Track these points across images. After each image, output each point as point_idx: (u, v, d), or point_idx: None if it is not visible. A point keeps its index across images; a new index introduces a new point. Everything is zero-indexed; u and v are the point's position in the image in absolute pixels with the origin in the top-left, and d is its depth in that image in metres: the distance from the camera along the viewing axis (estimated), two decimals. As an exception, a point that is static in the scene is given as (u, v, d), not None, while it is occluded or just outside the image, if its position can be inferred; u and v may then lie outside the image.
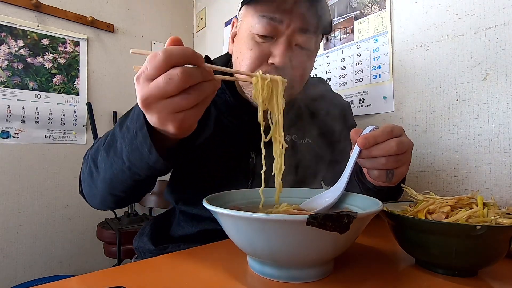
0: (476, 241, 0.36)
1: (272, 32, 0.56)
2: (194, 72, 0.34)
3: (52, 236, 1.56)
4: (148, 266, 0.42)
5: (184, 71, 0.33)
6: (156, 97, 0.35)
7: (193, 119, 0.38)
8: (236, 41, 0.64)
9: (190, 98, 0.35)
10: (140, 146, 0.42)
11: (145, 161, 0.43)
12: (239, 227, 0.35)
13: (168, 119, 0.37)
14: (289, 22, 0.56)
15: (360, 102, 1.05)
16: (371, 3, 1.02)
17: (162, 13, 2.01)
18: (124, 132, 0.45)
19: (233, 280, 0.37)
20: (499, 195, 0.72)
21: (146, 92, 0.35)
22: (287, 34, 0.56)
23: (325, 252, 0.35)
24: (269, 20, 0.55)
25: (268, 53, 0.57)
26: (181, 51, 0.34)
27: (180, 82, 0.33)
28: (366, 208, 0.42)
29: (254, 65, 0.58)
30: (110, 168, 0.48)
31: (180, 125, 0.37)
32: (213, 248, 0.50)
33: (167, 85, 0.33)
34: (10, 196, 1.46)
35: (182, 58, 0.34)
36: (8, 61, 1.46)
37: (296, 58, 0.59)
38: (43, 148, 1.55)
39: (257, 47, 0.57)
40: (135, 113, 0.43)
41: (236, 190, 0.50)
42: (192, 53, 0.35)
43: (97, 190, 0.53)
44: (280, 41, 0.56)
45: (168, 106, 0.35)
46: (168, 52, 0.34)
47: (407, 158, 0.45)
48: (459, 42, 0.80)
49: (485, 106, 0.75)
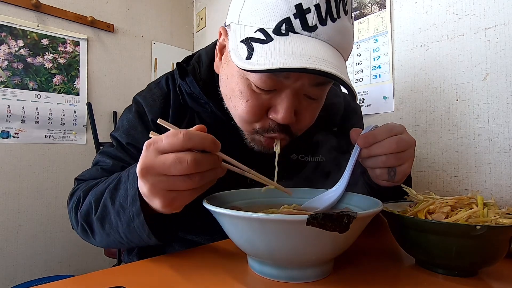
0: (476, 241, 0.36)
1: (275, 86, 0.44)
2: (204, 161, 0.34)
3: (52, 236, 1.56)
4: (148, 266, 0.42)
5: (194, 159, 0.33)
6: (157, 171, 0.34)
7: (184, 201, 0.37)
8: (224, 66, 0.51)
9: (190, 183, 0.34)
10: (138, 230, 0.42)
11: (144, 242, 0.43)
12: (239, 227, 0.35)
13: (159, 194, 0.36)
14: (298, 76, 0.43)
15: (360, 102, 1.05)
16: (371, 3, 1.02)
17: (162, 13, 2.01)
18: (119, 210, 0.42)
19: (233, 280, 0.37)
20: (499, 195, 0.72)
21: (150, 162, 0.34)
22: (294, 88, 0.44)
23: (325, 252, 0.35)
24: (272, 75, 0.42)
25: (268, 105, 0.46)
26: (201, 139, 0.34)
27: (187, 169, 0.33)
28: (366, 208, 0.42)
29: (250, 120, 0.48)
30: (107, 238, 0.47)
31: (169, 204, 0.36)
32: (213, 248, 0.50)
33: (173, 167, 0.33)
34: (10, 196, 1.46)
35: (200, 145, 0.34)
36: (8, 61, 1.46)
37: (303, 108, 0.48)
38: (43, 148, 1.55)
39: (254, 99, 0.45)
40: (129, 193, 0.41)
41: (236, 190, 0.50)
42: (210, 142, 0.34)
43: (94, 242, 0.52)
44: (285, 94, 0.44)
45: (164, 183, 0.34)
46: (188, 136, 0.33)
47: (409, 156, 0.44)
48: (459, 42, 0.80)
49: (485, 106, 0.75)
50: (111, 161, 0.57)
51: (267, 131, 0.48)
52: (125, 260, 0.65)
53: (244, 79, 0.45)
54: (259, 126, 0.48)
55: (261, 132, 0.49)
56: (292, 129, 0.49)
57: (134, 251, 0.64)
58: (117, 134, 0.59)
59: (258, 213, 0.32)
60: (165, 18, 2.03)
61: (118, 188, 0.43)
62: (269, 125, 0.48)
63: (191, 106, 0.58)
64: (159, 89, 0.60)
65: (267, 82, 0.43)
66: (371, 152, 0.43)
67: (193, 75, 0.57)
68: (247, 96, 0.46)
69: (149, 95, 0.60)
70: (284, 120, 0.45)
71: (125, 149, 0.57)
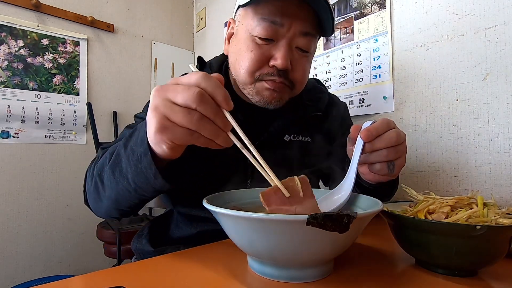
0: (476, 241, 0.36)
1: (273, 35, 0.56)
2: (209, 102, 0.35)
3: (52, 236, 1.56)
4: (148, 266, 0.42)
5: (201, 92, 0.34)
6: (166, 95, 0.35)
7: (175, 137, 0.37)
8: (233, 42, 0.63)
9: (189, 117, 0.35)
10: (145, 171, 0.42)
11: (150, 184, 0.44)
12: (239, 227, 0.35)
13: (156, 117, 0.36)
14: (290, 25, 0.55)
15: (360, 102, 1.05)
16: (371, 3, 1.02)
17: (162, 13, 2.01)
18: (129, 154, 0.44)
19: (233, 280, 0.37)
20: (499, 195, 0.72)
21: (164, 86, 0.36)
22: (288, 37, 0.56)
23: (325, 252, 0.35)
24: (270, 23, 0.55)
25: (269, 55, 0.57)
26: (215, 86, 0.35)
27: (191, 97, 0.34)
28: (366, 208, 0.42)
29: (254, 67, 0.58)
30: (116, 186, 0.48)
31: (160, 129, 0.36)
32: (213, 248, 0.50)
33: (180, 93, 0.34)
34: (10, 196, 1.46)
35: (211, 89, 0.35)
36: (8, 61, 1.46)
37: (296, 60, 0.59)
38: (43, 148, 1.55)
39: (257, 49, 0.57)
40: (139, 136, 0.43)
41: (236, 190, 0.50)
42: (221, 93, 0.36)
43: (102, 204, 0.53)
44: (281, 44, 0.56)
45: (166, 107, 0.35)
46: (207, 76, 0.35)
47: (404, 149, 0.46)
48: (459, 42, 0.80)
49: (485, 106, 0.75)
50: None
51: (268, 75, 0.58)
52: (135, 245, 0.68)
53: (249, 36, 0.58)
54: (262, 73, 0.58)
55: (263, 77, 0.59)
56: (289, 76, 0.59)
57: (143, 234, 0.68)
58: (142, 113, 0.65)
59: (258, 213, 0.32)
60: (165, 18, 2.03)
61: (132, 136, 0.46)
62: (270, 71, 0.58)
63: None
64: None
65: (268, 30, 0.55)
66: (374, 146, 0.44)
67: None
68: (252, 47, 0.57)
69: None
70: (282, 64, 0.55)
71: None
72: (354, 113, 1.05)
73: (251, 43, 0.58)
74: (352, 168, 0.46)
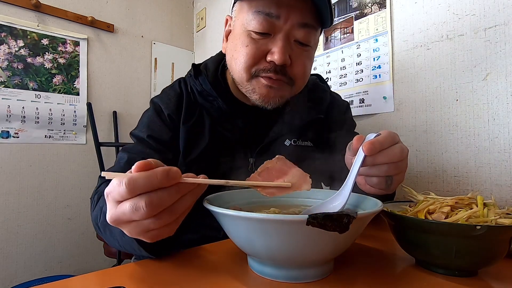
0: (476, 241, 0.36)
1: (269, 29, 0.53)
2: (164, 199, 0.31)
3: (52, 236, 1.56)
4: (148, 266, 0.42)
5: (150, 202, 0.30)
6: (123, 220, 0.32)
7: (169, 233, 0.35)
8: (230, 39, 0.61)
9: (161, 221, 0.32)
10: (132, 244, 0.42)
11: (138, 254, 0.44)
12: (239, 227, 0.35)
13: (140, 236, 0.34)
14: (287, 16, 0.53)
15: (360, 102, 1.05)
16: (371, 3, 1.02)
17: (162, 13, 2.01)
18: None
19: (233, 280, 0.37)
20: (499, 195, 0.72)
21: (113, 214, 0.32)
22: (285, 30, 0.53)
23: (325, 252, 0.35)
24: (266, 16, 0.52)
25: (266, 50, 0.54)
26: (146, 180, 0.30)
27: (146, 214, 0.30)
28: (366, 208, 0.42)
29: (250, 62, 0.55)
30: (110, 242, 0.49)
31: (154, 238, 0.34)
32: (213, 248, 0.50)
33: (134, 215, 0.30)
34: (10, 196, 1.46)
35: (149, 187, 0.30)
36: (8, 61, 1.46)
37: (296, 55, 0.56)
38: (43, 148, 1.55)
39: (253, 43, 0.54)
40: None
41: (236, 190, 0.50)
42: (160, 179, 0.30)
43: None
44: (278, 37, 0.53)
45: (138, 227, 0.33)
46: (132, 183, 0.30)
47: (405, 165, 0.44)
48: (459, 42, 0.80)
49: (485, 106, 0.75)
50: (131, 155, 0.60)
51: (265, 71, 0.55)
52: None
53: (244, 31, 0.55)
54: (258, 68, 0.56)
55: (259, 73, 0.56)
56: (288, 72, 0.56)
57: None
58: (137, 131, 0.65)
59: (258, 213, 0.32)
60: (165, 18, 2.03)
61: None
62: (267, 67, 0.55)
63: (200, 103, 0.66)
64: (173, 90, 0.69)
65: (263, 24, 0.53)
66: (376, 161, 0.41)
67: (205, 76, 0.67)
68: (247, 42, 0.55)
69: (164, 96, 0.69)
70: (280, 59, 0.52)
71: (144, 142, 0.62)
72: (354, 113, 1.04)
73: (247, 38, 0.55)
74: (350, 180, 0.43)
